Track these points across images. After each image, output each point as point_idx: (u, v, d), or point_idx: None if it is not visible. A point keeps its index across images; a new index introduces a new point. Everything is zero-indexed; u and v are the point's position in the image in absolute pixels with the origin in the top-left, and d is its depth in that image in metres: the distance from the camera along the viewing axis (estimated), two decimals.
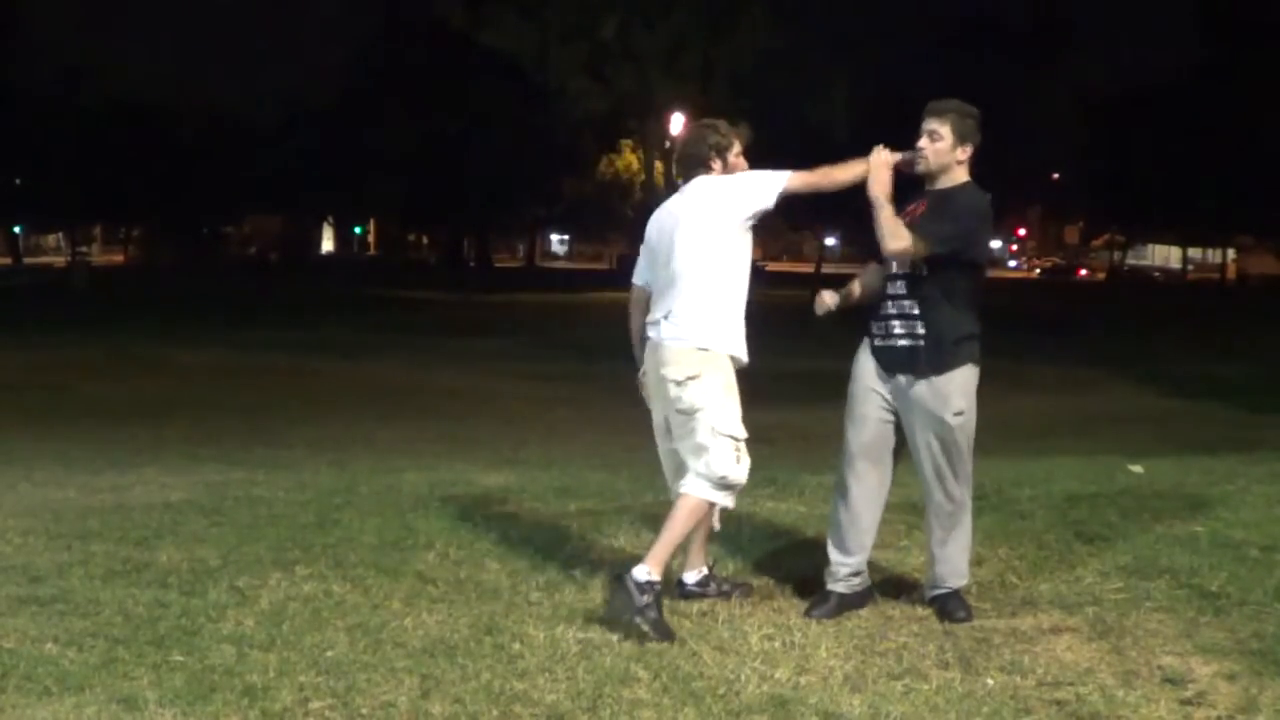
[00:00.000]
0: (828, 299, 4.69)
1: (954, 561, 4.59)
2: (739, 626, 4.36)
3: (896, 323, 4.53)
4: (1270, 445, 10.14)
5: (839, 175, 4.55)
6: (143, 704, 3.56)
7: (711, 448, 4.40)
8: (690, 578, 4.76)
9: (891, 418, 4.59)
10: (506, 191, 58.46)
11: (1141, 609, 4.55)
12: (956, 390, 4.49)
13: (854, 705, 3.64)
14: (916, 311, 4.47)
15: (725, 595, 4.70)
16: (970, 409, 4.53)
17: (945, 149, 4.48)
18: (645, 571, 4.26)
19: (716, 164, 4.61)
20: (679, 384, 4.45)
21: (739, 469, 4.43)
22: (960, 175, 4.55)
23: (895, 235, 4.36)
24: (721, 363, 4.48)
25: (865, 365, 4.63)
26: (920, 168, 4.53)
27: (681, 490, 4.45)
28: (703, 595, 4.70)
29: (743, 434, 4.46)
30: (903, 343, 4.51)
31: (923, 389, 4.47)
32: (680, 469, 4.55)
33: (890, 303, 4.55)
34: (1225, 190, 52.46)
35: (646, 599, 4.20)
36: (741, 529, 5.81)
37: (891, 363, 4.54)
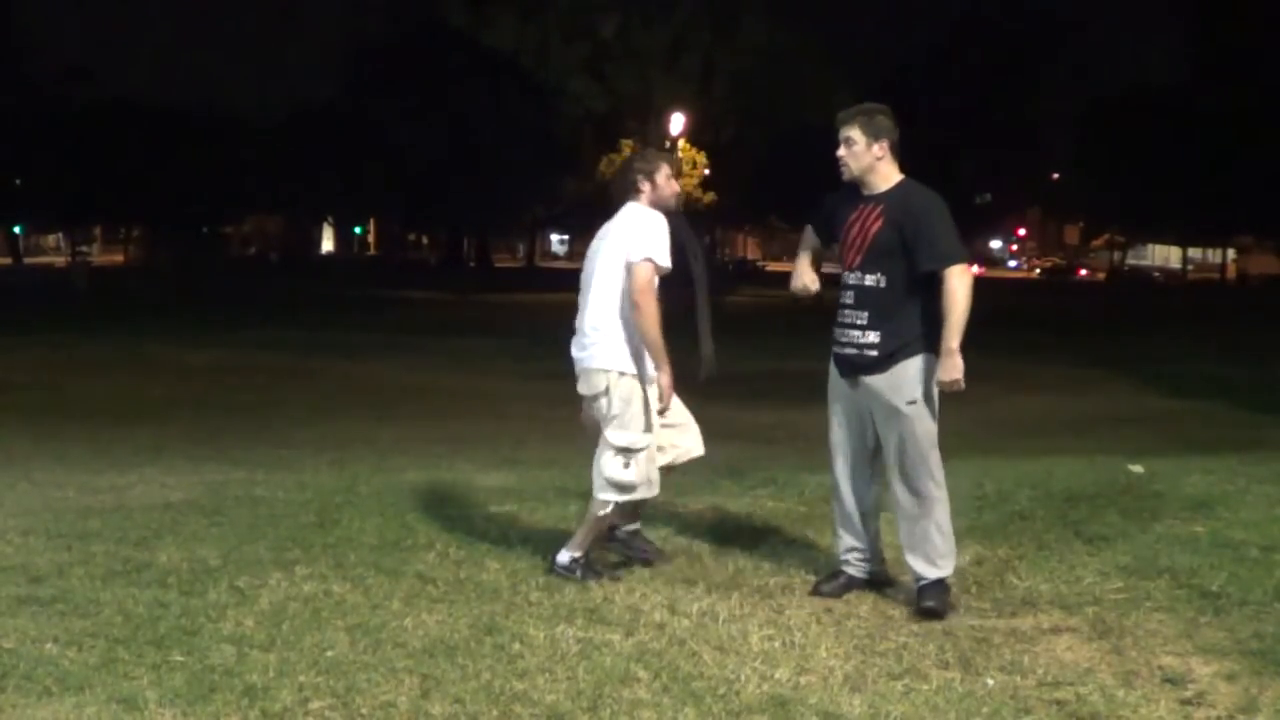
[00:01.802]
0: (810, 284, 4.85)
1: (924, 553, 4.60)
2: (739, 626, 4.36)
3: (846, 332, 4.63)
4: (1270, 445, 10.13)
5: (650, 333, 4.70)
6: (143, 704, 3.56)
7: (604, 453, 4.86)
8: (622, 531, 5.11)
9: (865, 412, 4.68)
10: (506, 191, 58.46)
11: (1141, 609, 4.55)
12: (911, 379, 4.54)
13: (854, 705, 3.65)
14: (864, 322, 4.56)
15: (646, 557, 5.07)
16: (927, 399, 4.55)
17: (861, 150, 4.59)
18: (567, 555, 4.88)
19: (645, 186, 4.90)
20: (592, 400, 4.86)
21: (625, 473, 4.81)
22: (893, 173, 4.63)
23: (954, 266, 4.45)
24: (627, 380, 4.79)
25: (832, 370, 4.79)
26: (845, 175, 4.65)
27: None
28: (626, 547, 5.09)
29: (641, 444, 4.81)
30: (848, 351, 4.63)
31: (879, 381, 4.56)
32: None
33: (843, 311, 4.65)
34: (1225, 190, 52.47)
35: (578, 572, 4.82)
36: (741, 529, 5.81)
37: (843, 366, 4.68)
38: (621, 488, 4.82)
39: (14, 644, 4.03)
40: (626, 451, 4.79)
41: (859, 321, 4.58)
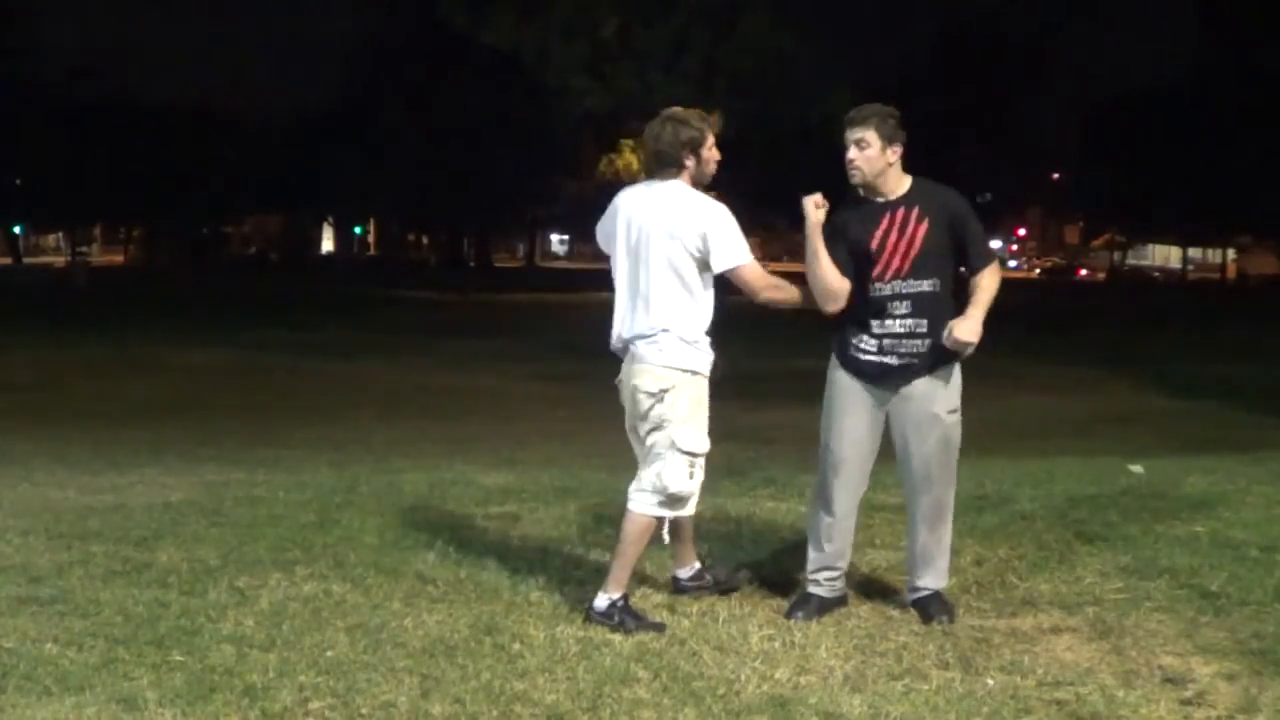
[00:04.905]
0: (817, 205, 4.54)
1: (937, 563, 4.59)
2: (739, 626, 4.36)
3: (903, 341, 4.44)
4: (1270, 445, 10.13)
5: (780, 295, 4.46)
6: (143, 704, 3.56)
7: (667, 460, 4.38)
8: (684, 574, 4.79)
9: (879, 425, 4.56)
10: (506, 191, 58.45)
11: (1141, 609, 4.55)
12: (952, 387, 4.49)
13: (854, 705, 3.64)
14: (924, 330, 4.42)
15: (721, 584, 4.72)
16: (960, 408, 4.53)
17: (875, 155, 4.42)
18: (605, 599, 4.36)
19: (690, 161, 4.41)
20: (651, 395, 4.39)
21: (690, 484, 4.42)
22: (904, 176, 4.50)
23: (993, 265, 4.51)
24: (694, 380, 4.41)
25: (846, 379, 4.57)
26: (855, 179, 4.47)
27: (629, 507, 4.45)
28: (699, 589, 4.71)
29: (703, 449, 4.42)
30: (904, 362, 4.46)
31: (918, 388, 4.46)
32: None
33: (895, 321, 4.44)
34: (1225, 190, 52.46)
35: (616, 619, 4.30)
36: (741, 529, 5.82)
37: (882, 375, 4.49)
38: (676, 500, 4.40)
39: (14, 644, 4.03)
40: (693, 457, 4.37)
41: (919, 330, 4.41)
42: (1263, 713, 3.63)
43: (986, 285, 4.44)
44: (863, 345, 4.51)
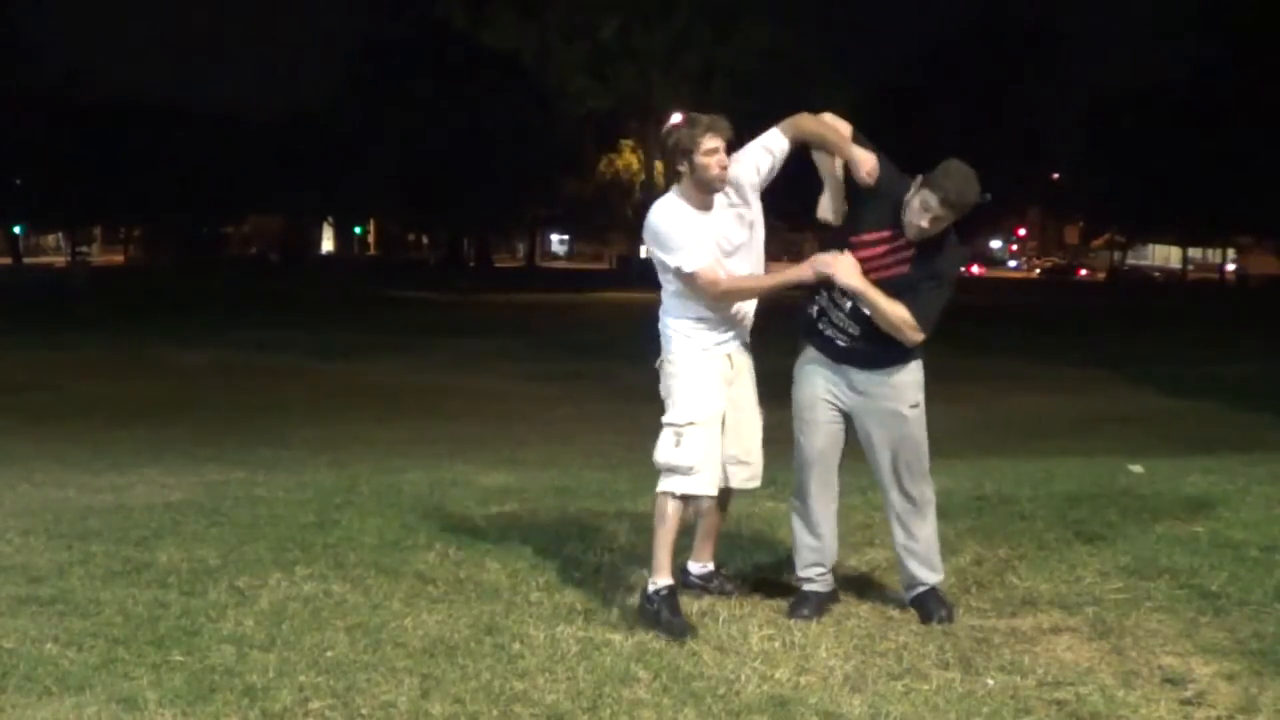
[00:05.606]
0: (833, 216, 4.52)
1: (923, 557, 4.59)
2: (739, 626, 4.36)
3: (839, 334, 4.50)
4: (1270, 445, 10.14)
5: (755, 285, 4.51)
6: (143, 704, 3.57)
7: (659, 435, 4.51)
8: (695, 569, 4.80)
9: (842, 420, 4.58)
10: (506, 191, 58.46)
11: (1141, 609, 4.55)
12: (910, 383, 4.51)
13: (854, 705, 3.65)
14: (857, 333, 4.46)
15: (727, 594, 4.71)
16: (922, 402, 4.54)
17: (943, 226, 4.33)
18: (651, 585, 4.41)
19: (684, 166, 4.37)
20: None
21: (677, 453, 4.43)
22: None
23: (914, 325, 4.31)
24: (678, 361, 4.53)
25: (811, 371, 4.61)
26: (912, 236, 4.34)
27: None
28: (703, 589, 4.72)
29: (685, 419, 4.45)
30: (840, 341, 4.51)
31: (879, 385, 4.49)
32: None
33: (841, 312, 4.47)
34: (1225, 190, 52.48)
35: (654, 605, 4.34)
36: (741, 529, 5.81)
37: (836, 355, 4.53)
38: (672, 471, 4.40)
39: (14, 644, 4.03)
40: (675, 427, 4.43)
41: (851, 330, 4.47)
42: (1263, 713, 3.63)
43: (899, 306, 4.29)
44: (818, 309, 4.53)
